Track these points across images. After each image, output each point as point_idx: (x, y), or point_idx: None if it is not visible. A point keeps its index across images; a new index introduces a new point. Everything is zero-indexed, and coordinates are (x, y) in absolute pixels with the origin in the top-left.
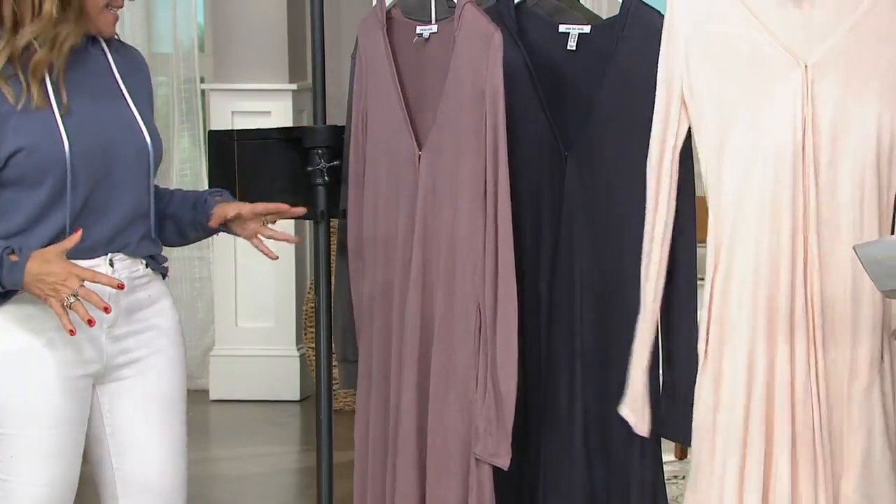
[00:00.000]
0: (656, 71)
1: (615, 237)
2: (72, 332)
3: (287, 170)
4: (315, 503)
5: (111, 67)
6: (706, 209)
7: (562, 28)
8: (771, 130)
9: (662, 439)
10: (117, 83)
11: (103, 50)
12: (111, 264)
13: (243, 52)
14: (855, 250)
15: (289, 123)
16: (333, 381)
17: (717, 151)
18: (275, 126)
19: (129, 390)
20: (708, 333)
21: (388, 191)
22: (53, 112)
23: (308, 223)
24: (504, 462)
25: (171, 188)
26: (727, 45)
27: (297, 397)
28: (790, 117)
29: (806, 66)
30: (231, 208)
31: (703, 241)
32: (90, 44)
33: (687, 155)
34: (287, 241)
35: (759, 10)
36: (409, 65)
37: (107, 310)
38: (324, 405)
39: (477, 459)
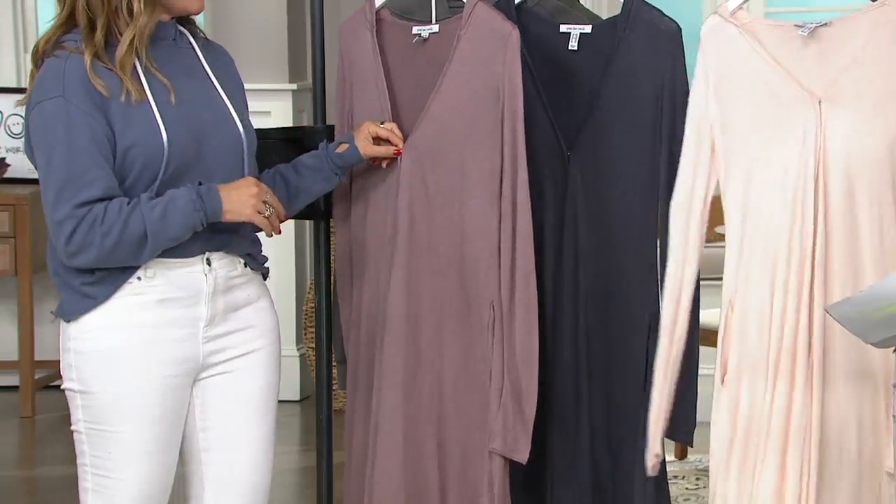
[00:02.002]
0: (657, 70)
1: (618, 237)
2: (278, 233)
3: None
4: (315, 502)
5: (201, 61)
6: (710, 209)
7: (563, 28)
8: (790, 168)
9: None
10: (208, 75)
11: (191, 45)
12: (208, 263)
13: (243, 52)
14: (828, 311)
15: (289, 123)
16: (333, 382)
17: (745, 191)
18: (275, 126)
19: (223, 388)
20: (726, 363)
21: (378, 192)
22: (151, 105)
23: (308, 223)
24: (523, 457)
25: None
26: (750, 87)
27: (297, 397)
28: (806, 153)
29: (820, 102)
30: (369, 129)
31: (707, 240)
32: (178, 39)
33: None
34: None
35: (775, 51)
36: (401, 66)
37: (278, 232)
38: (324, 405)
39: (491, 454)
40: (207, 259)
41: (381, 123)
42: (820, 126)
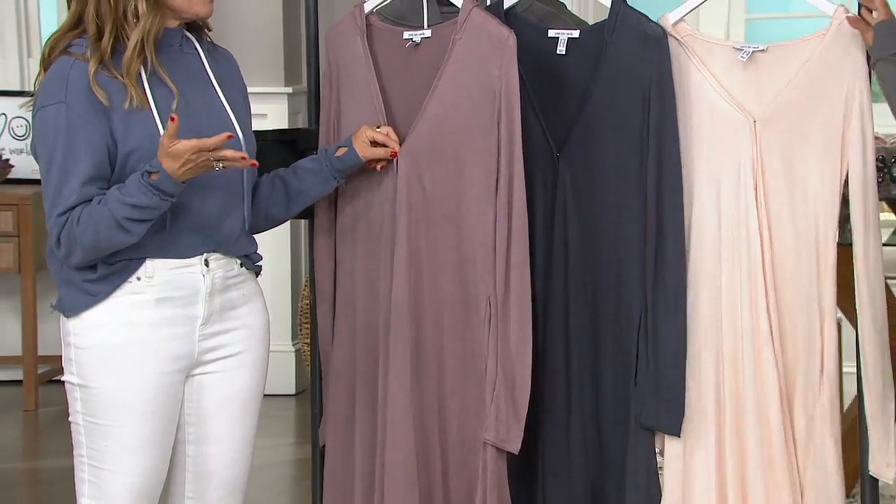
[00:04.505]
0: (645, 73)
1: (607, 236)
2: (252, 165)
3: None
4: (310, 494)
5: (205, 67)
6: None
7: (551, 33)
8: (727, 183)
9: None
10: (211, 82)
11: (197, 50)
12: (206, 264)
13: (239, 56)
14: None
15: (284, 126)
16: None
17: (688, 202)
18: (271, 128)
19: (215, 385)
20: None
21: (372, 195)
22: (152, 112)
23: (303, 222)
24: (514, 447)
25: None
26: (688, 99)
27: (293, 391)
28: (743, 169)
29: (754, 122)
30: (367, 134)
31: None
32: (184, 44)
33: (676, 154)
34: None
35: (714, 68)
36: (393, 70)
37: (244, 159)
38: (318, 399)
39: (484, 444)
40: (206, 260)
41: (377, 128)
42: (756, 145)
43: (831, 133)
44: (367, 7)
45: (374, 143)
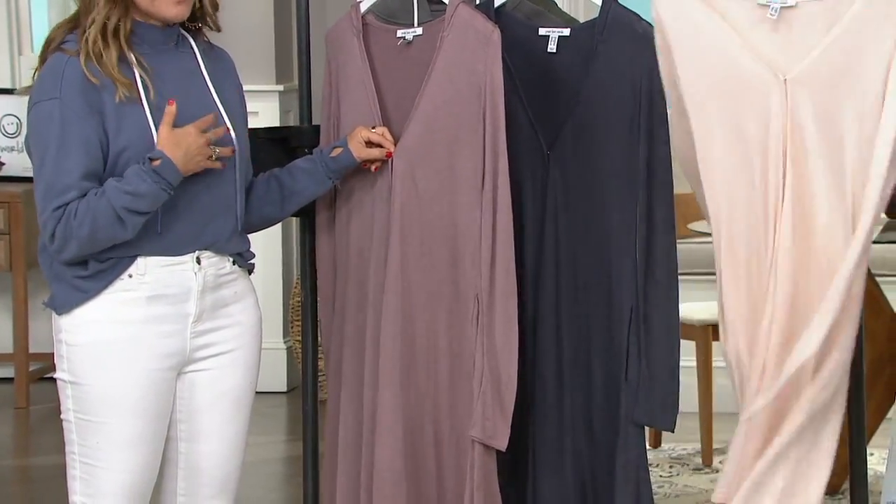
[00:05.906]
0: (636, 71)
1: (598, 233)
2: (231, 154)
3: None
4: (301, 491)
5: (199, 66)
6: (684, 206)
7: (542, 31)
8: (753, 142)
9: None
10: (205, 81)
11: (192, 49)
12: (198, 262)
13: (231, 53)
14: None
15: (276, 124)
16: (319, 373)
17: (704, 159)
18: (262, 126)
19: (207, 382)
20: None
21: (365, 195)
22: (144, 110)
23: (295, 220)
24: (501, 444)
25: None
26: (707, 58)
27: (284, 388)
28: (771, 129)
29: (785, 80)
30: (362, 134)
31: (682, 236)
32: (179, 44)
33: (666, 152)
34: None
35: (739, 25)
36: (388, 69)
37: (232, 152)
38: (309, 396)
39: (472, 441)
40: (198, 258)
41: (373, 128)
42: (786, 104)
43: (871, 95)
44: (363, 7)
45: (370, 144)
